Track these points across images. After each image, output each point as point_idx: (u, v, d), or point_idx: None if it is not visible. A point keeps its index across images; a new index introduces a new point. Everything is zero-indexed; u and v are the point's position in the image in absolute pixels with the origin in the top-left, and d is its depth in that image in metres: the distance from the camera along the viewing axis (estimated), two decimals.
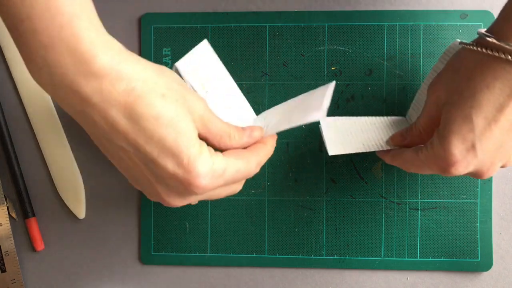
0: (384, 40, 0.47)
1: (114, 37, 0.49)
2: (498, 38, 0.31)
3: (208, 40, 0.44)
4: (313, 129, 0.48)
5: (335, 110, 0.48)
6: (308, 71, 0.48)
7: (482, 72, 0.32)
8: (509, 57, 0.30)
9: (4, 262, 0.49)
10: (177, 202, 0.34)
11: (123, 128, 0.31)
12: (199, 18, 0.48)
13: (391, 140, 0.41)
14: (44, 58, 0.29)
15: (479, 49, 0.32)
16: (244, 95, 0.45)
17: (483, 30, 0.33)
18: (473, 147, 0.33)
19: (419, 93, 0.43)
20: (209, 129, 0.35)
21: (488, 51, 0.31)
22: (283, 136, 0.48)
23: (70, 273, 0.51)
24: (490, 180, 0.47)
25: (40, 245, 0.50)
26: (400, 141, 0.40)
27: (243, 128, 0.38)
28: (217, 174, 0.33)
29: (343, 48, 0.48)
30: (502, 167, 0.36)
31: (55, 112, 0.50)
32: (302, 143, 0.48)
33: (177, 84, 0.33)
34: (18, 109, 0.50)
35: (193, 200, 0.36)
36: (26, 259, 0.51)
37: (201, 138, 0.35)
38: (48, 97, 0.50)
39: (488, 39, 0.31)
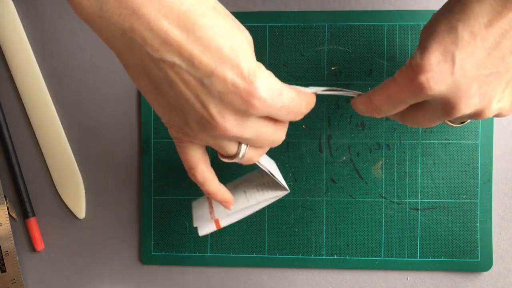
0: (384, 40, 0.47)
1: None
2: None
3: None
4: (313, 129, 0.48)
5: (335, 110, 0.48)
6: (308, 71, 0.48)
7: None
8: None
9: (4, 262, 0.49)
10: (232, 123, 0.31)
11: (177, 40, 0.29)
12: None
13: (355, 102, 0.37)
14: None
15: None
16: None
17: None
18: (452, 60, 0.30)
19: None
20: None
21: None
22: None
23: (70, 273, 0.51)
24: (490, 180, 0.47)
25: (40, 245, 0.50)
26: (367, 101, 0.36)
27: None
28: (276, 93, 0.31)
29: (343, 48, 0.48)
30: (477, 115, 0.33)
31: (55, 112, 0.50)
32: (302, 143, 0.48)
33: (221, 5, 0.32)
34: (18, 109, 0.50)
35: (247, 130, 0.32)
36: (26, 259, 0.51)
37: None
38: (48, 98, 0.50)
39: None
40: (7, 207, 0.50)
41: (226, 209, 0.39)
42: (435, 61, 0.30)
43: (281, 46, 0.48)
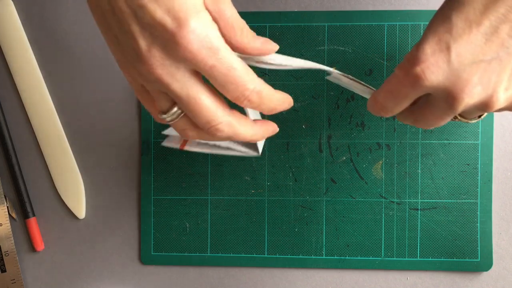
0: (384, 40, 0.47)
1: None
2: None
3: None
4: (314, 129, 0.48)
5: (335, 110, 0.48)
6: (308, 71, 0.48)
7: None
8: None
9: (4, 262, 0.49)
10: (158, 61, 0.29)
11: None
12: None
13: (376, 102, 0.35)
14: None
15: None
16: None
17: None
18: (447, 48, 0.29)
19: None
20: (220, 11, 0.30)
21: None
22: (283, 136, 0.48)
23: (70, 273, 0.51)
24: (490, 180, 0.47)
25: (40, 245, 0.50)
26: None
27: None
28: (210, 45, 0.29)
29: (343, 48, 0.48)
30: (484, 106, 0.31)
31: (55, 112, 0.50)
32: (302, 143, 0.48)
33: None
34: (18, 109, 0.50)
35: (176, 79, 0.30)
36: (26, 259, 0.51)
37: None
38: (48, 98, 0.50)
39: None
40: (7, 207, 0.50)
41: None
42: (430, 51, 0.30)
43: (281, 46, 0.48)
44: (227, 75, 0.30)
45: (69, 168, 0.50)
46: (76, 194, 0.50)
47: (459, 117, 0.35)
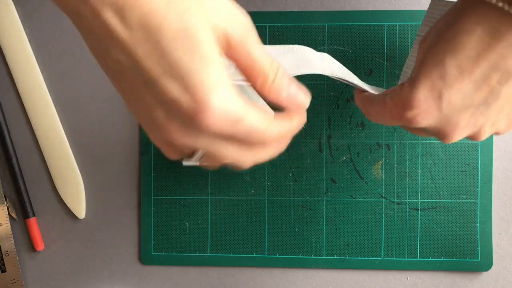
0: (384, 40, 0.47)
1: None
2: None
3: None
4: (314, 129, 0.48)
5: (335, 110, 0.48)
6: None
7: (466, 15, 0.28)
8: (493, 0, 0.27)
9: (4, 262, 0.49)
10: (179, 133, 0.27)
11: (120, 36, 0.25)
12: None
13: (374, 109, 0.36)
14: None
15: None
16: None
17: None
18: (439, 96, 0.30)
19: (406, 64, 0.43)
20: (236, 55, 0.28)
21: None
22: None
23: (70, 273, 0.51)
24: (490, 180, 0.47)
25: (40, 245, 0.50)
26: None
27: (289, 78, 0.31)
28: (232, 118, 0.27)
29: (343, 48, 0.48)
30: (471, 138, 0.33)
31: (55, 112, 0.50)
32: (302, 143, 0.48)
33: None
34: (18, 109, 0.50)
35: (198, 144, 0.28)
36: (26, 259, 0.51)
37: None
38: (48, 98, 0.50)
39: None
40: (7, 207, 0.50)
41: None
42: (423, 98, 0.30)
43: None
44: (248, 137, 0.29)
45: (69, 168, 0.50)
46: (76, 194, 0.50)
47: None
